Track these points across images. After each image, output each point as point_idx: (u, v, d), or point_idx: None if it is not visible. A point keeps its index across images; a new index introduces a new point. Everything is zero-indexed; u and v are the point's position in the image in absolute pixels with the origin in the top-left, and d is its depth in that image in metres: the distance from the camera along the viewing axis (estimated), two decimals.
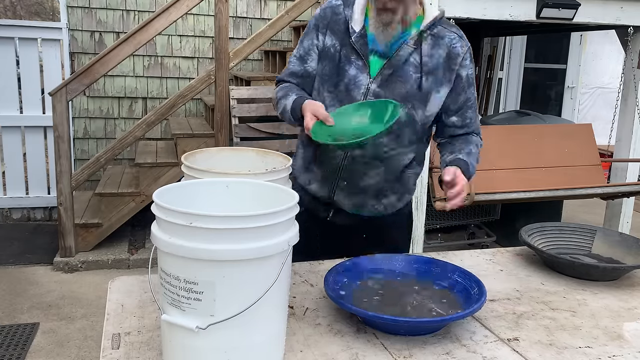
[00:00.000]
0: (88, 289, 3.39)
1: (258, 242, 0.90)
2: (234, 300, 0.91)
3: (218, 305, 0.91)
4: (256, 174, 1.24)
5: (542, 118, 3.98)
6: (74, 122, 4.73)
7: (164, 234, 0.91)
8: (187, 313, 0.92)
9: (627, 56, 3.56)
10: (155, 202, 0.94)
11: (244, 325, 0.92)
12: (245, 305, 0.91)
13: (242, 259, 0.89)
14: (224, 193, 1.12)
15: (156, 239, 0.92)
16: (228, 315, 0.91)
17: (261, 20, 4.95)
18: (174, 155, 4.07)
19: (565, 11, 3.20)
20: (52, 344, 2.77)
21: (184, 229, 0.88)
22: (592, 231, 1.66)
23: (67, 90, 3.50)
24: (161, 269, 0.95)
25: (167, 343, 0.98)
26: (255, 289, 0.92)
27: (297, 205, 0.99)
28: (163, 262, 0.94)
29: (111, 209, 3.84)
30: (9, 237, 4.18)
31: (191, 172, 1.27)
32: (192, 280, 0.90)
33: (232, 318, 0.91)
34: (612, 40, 6.67)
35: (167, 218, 0.90)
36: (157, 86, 4.88)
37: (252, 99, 3.72)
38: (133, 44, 3.53)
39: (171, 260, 0.91)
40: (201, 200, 1.09)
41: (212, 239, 0.87)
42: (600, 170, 3.46)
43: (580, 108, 7.05)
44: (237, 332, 0.93)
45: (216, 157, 1.48)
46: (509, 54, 6.63)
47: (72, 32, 4.62)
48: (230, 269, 0.89)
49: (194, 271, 0.90)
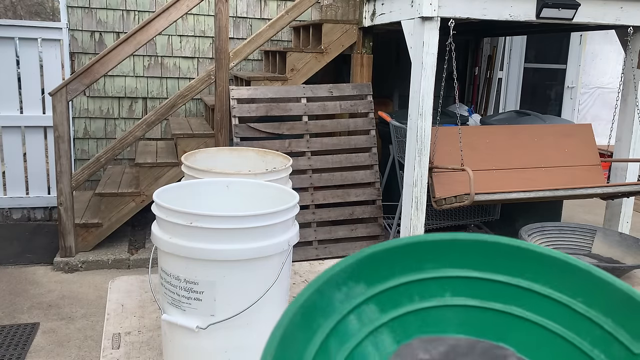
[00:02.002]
0: (88, 289, 3.39)
1: (258, 242, 0.90)
2: (235, 300, 0.91)
3: (218, 305, 0.91)
4: (256, 174, 1.24)
5: (542, 118, 3.98)
6: (74, 122, 4.73)
7: (164, 233, 0.92)
8: (187, 313, 0.92)
9: (627, 56, 3.56)
10: (155, 202, 0.94)
11: (244, 325, 0.93)
12: (246, 305, 0.91)
13: (243, 259, 0.89)
14: (224, 193, 1.12)
15: (156, 238, 0.93)
16: (228, 315, 0.91)
17: (261, 20, 4.95)
18: (174, 155, 4.07)
19: (565, 11, 3.20)
20: (52, 344, 2.77)
21: (184, 228, 0.88)
22: (592, 231, 1.67)
23: (67, 90, 3.50)
24: (161, 268, 0.95)
25: (168, 343, 0.98)
26: (255, 288, 0.92)
27: (297, 206, 0.99)
28: (163, 262, 0.94)
29: (111, 209, 3.84)
30: (9, 237, 4.17)
31: (191, 172, 1.27)
32: (193, 280, 0.90)
33: (233, 318, 0.91)
34: (612, 40, 6.68)
35: (168, 218, 0.90)
36: (157, 86, 4.88)
37: (252, 99, 3.72)
38: (133, 44, 3.53)
39: (171, 260, 0.92)
40: (201, 200, 1.10)
41: (213, 239, 0.88)
42: (600, 170, 3.46)
43: (580, 108, 7.05)
44: (237, 332, 0.93)
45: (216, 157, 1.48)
46: (508, 54, 6.63)
47: (72, 32, 4.62)
48: (230, 269, 0.89)
49: (194, 271, 0.90)
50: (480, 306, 0.47)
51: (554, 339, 0.44)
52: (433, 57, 3.09)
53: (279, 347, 0.37)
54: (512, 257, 0.46)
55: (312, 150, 3.78)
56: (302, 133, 3.76)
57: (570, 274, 0.44)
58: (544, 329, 0.44)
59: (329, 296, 0.43)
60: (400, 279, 0.47)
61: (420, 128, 3.14)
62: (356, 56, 4.05)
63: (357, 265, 0.45)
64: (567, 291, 0.44)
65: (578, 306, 0.43)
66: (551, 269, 0.44)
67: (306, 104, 3.78)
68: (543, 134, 3.46)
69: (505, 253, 0.46)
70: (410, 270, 0.47)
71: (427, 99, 3.13)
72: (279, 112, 3.72)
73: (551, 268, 0.44)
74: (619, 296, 0.41)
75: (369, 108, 3.93)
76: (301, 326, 0.40)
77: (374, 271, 0.46)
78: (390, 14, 3.49)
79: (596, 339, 0.42)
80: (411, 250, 0.47)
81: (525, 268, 0.45)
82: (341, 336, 0.44)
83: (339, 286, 0.44)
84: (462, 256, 0.47)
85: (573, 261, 0.44)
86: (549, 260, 0.44)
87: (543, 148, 3.38)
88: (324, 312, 0.43)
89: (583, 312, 0.43)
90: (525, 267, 0.45)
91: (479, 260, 0.47)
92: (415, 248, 0.47)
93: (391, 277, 0.47)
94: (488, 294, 0.46)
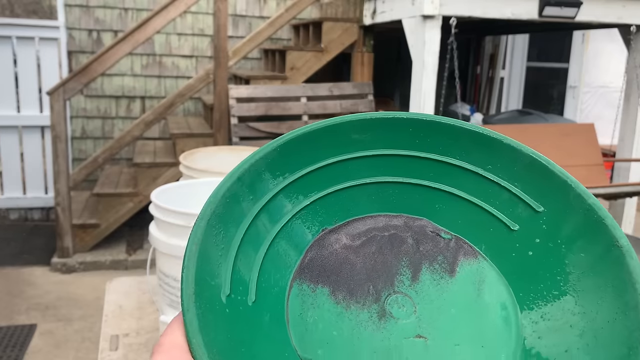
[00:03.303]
0: (86, 290, 3.36)
1: None
2: None
3: None
4: None
5: (544, 117, 3.96)
6: (72, 121, 4.70)
7: (162, 234, 0.89)
8: None
9: (630, 55, 3.54)
10: (153, 202, 0.92)
11: None
12: None
13: None
14: None
15: (154, 239, 0.90)
16: None
17: (260, 18, 4.93)
18: (172, 155, 4.04)
19: (568, 10, 3.18)
20: (49, 345, 2.74)
21: (182, 229, 0.86)
22: None
23: (64, 89, 3.47)
24: (160, 270, 0.92)
25: None
26: None
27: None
28: (162, 263, 0.91)
29: (109, 209, 3.81)
30: (6, 238, 4.15)
31: (190, 172, 1.25)
32: None
33: None
34: (614, 39, 6.65)
35: (166, 218, 0.88)
36: (156, 85, 4.85)
37: (251, 98, 3.69)
38: (131, 43, 3.50)
39: (170, 261, 0.89)
40: (200, 200, 1.07)
41: None
42: (602, 170, 3.44)
43: (582, 107, 7.02)
44: None
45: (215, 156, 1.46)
46: (511, 53, 6.61)
47: (70, 30, 4.59)
48: None
49: None
50: (393, 182, 0.48)
51: (465, 206, 0.47)
52: (434, 55, 3.07)
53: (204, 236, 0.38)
54: (430, 132, 0.47)
55: None
56: None
57: (478, 143, 0.46)
58: (456, 198, 0.47)
59: (249, 185, 0.42)
60: (325, 161, 0.46)
61: None
62: (357, 55, 4.03)
63: (278, 151, 0.44)
64: (477, 162, 0.46)
65: (487, 174, 0.46)
66: (460, 140, 0.46)
67: (306, 103, 3.75)
68: (545, 133, 3.44)
69: (422, 128, 0.47)
70: (334, 152, 0.46)
71: (429, 98, 3.11)
72: (278, 112, 3.69)
73: (460, 139, 0.46)
74: (523, 160, 0.45)
75: (370, 107, 3.90)
76: (223, 217, 0.40)
77: (297, 156, 0.45)
78: (391, 12, 3.47)
79: (503, 202, 0.45)
80: (336, 131, 0.46)
81: (439, 142, 0.46)
82: (266, 222, 0.43)
83: (259, 174, 0.43)
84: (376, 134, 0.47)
85: (479, 129, 0.46)
86: (460, 132, 0.46)
87: (545, 147, 3.36)
88: (244, 206, 0.42)
89: (491, 179, 0.46)
90: (439, 140, 0.46)
91: (399, 139, 0.47)
92: (339, 129, 0.46)
93: (315, 160, 0.46)
94: (401, 169, 0.48)
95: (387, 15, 3.54)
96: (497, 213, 0.46)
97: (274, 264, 0.43)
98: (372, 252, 0.46)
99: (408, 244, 0.46)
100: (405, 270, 0.45)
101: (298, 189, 0.46)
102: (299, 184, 0.46)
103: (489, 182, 0.46)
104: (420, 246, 0.46)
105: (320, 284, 0.43)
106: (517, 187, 0.45)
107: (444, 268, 0.45)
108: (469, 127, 0.46)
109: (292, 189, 0.45)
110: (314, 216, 0.46)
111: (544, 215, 0.44)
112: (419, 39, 3.09)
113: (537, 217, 0.44)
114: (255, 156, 0.43)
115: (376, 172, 0.48)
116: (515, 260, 0.45)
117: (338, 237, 0.46)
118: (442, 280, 0.45)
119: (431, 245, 0.46)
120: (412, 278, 0.44)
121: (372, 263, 0.45)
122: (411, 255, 0.46)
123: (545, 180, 0.45)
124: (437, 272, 0.45)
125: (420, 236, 0.47)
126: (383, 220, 0.48)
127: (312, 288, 0.43)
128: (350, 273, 0.44)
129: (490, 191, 0.46)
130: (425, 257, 0.46)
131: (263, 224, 0.43)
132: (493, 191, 0.46)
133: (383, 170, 0.48)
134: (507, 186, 0.45)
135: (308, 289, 0.43)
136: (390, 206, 0.48)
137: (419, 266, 0.45)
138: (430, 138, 0.47)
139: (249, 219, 0.42)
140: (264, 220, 0.43)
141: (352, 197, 0.48)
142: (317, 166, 0.46)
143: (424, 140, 0.47)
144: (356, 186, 0.48)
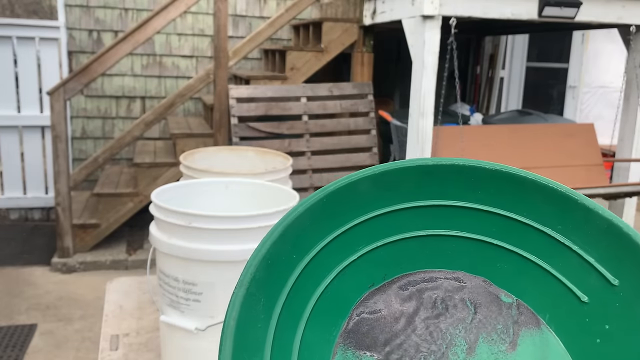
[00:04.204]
0: (86, 290, 3.37)
1: (258, 242, 0.88)
2: None
3: (217, 306, 0.88)
4: (256, 174, 1.22)
5: (544, 117, 3.97)
6: (72, 121, 4.71)
7: (162, 234, 0.89)
8: (186, 314, 0.90)
9: (629, 55, 3.54)
10: (153, 202, 0.92)
11: None
12: None
13: (242, 260, 0.87)
14: (223, 193, 1.10)
15: (155, 239, 0.90)
16: None
17: (260, 18, 4.93)
18: (172, 155, 4.04)
19: (567, 10, 3.18)
20: (50, 345, 2.74)
21: (183, 229, 0.86)
22: None
23: (65, 89, 3.47)
24: (160, 269, 0.93)
25: (166, 344, 0.96)
26: None
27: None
28: (162, 262, 0.92)
29: (109, 209, 3.82)
30: (6, 238, 4.15)
31: (190, 172, 1.25)
32: (191, 281, 0.88)
33: None
34: (614, 39, 6.66)
35: (166, 218, 0.88)
36: (156, 85, 4.85)
37: (251, 98, 3.70)
38: (131, 43, 3.50)
39: (170, 261, 0.89)
40: (200, 201, 1.07)
41: (212, 240, 0.85)
42: (602, 170, 3.44)
43: (582, 108, 7.02)
44: None
45: (215, 156, 1.46)
46: (511, 53, 6.61)
47: (70, 31, 4.59)
48: (229, 270, 0.87)
49: (193, 272, 0.88)
50: (449, 235, 0.43)
51: (529, 269, 0.42)
52: (434, 55, 3.07)
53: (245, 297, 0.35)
54: (493, 184, 0.42)
55: (312, 150, 3.76)
56: (302, 133, 3.74)
57: (549, 200, 0.42)
58: (519, 258, 0.42)
59: (292, 243, 0.39)
60: (374, 212, 0.42)
61: (421, 127, 3.12)
62: (357, 55, 4.03)
63: (324, 202, 0.40)
64: (547, 221, 0.41)
65: (557, 235, 0.41)
66: (529, 195, 0.42)
67: (306, 103, 3.76)
68: (545, 133, 3.44)
69: (486, 178, 0.42)
70: (383, 203, 0.42)
71: (429, 98, 3.11)
72: (278, 112, 3.69)
73: (529, 194, 0.42)
74: (599, 224, 0.39)
75: (370, 107, 3.90)
76: (264, 283, 0.37)
77: (342, 207, 0.41)
78: (391, 12, 3.47)
79: (573, 268, 0.40)
80: (384, 180, 0.42)
81: (505, 194, 0.42)
82: (308, 283, 0.39)
83: (304, 230, 0.39)
84: (440, 184, 0.42)
85: (552, 184, 0.42)
86: (529, 185, 0.42)
87: (545, 148, 3.36)
88: (286, 267, 0.39)
89: (561, 241, 0.41)
90: (504, 193, 0.42)
91: (457, 188, 0.42)
92: (388, 177, 0.42)
93: (362, 212, 0.42)
94: (458, 222, 0.43)
95: (387, 16, 3.54)
96: (565, 280, 0.40)
97: (317, 327, 0.39)
98: (425, 318, 0.41)
99: (464, 310, 0.41)
100: (460, 341, 0.40)
101: (344, 243, 0.42)
102: (345, 238, 0.42)
103: (558, 245, 0.41)
104: (478, 311, 0.41)
105: (366, 351, 0.39)
106: (591, 254, 0.39)
107: (503, 340, 0.40)
108: (540, 180, 0.42)
109: (338, 243, 0.41)
110: (360, 272, 0.42)
111: (620, 290, 0.39)
112: (419, 39, 3.09)
113: (612, 290, 0.38)
114: (299, 209, 0.40)
115: (430, 224, 0.43)
116: (584, 337, 0.39)
117: (387, 298, 0.42)
118: (500, 354, 0.40)
119: (489, 310, 0.41)
120: (467, 350, 0.40)
121: (424, 331, 0.40)
122: (467, 323, 0.41)
123: (623, 249, 0.39)
124: (496, 344, 0.40)
125: (478, 298, 0.42)
126: (437, 277, 0.43)
127: (358, 356, 0.39)
128: (400, 343, 0.40)
129: (559, 255, 0.41)
130: (482, 325, 0.41)
131: (305, 286, 0.39)
132: (563, 255, 0.41)
133: (438, 222, 0.43)
134: (578, 251, 0.40)
135: (353, 357, 0.39)
136: (445, 261, 0.44)
137: (476, 337, 0.40)
138: (495, 189, 0.42)
139: (291, 282, 0.38)
140: (306, 280, 0.39)
141: (402, 250, 0.44)
142: (364, 218, 0.42)
143: (487, 191, 0.42)
144: (407, 239, 0.44)
